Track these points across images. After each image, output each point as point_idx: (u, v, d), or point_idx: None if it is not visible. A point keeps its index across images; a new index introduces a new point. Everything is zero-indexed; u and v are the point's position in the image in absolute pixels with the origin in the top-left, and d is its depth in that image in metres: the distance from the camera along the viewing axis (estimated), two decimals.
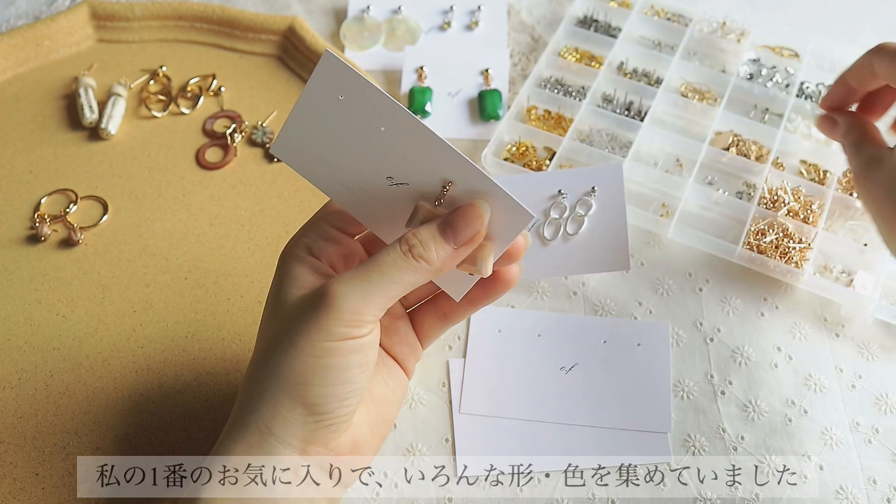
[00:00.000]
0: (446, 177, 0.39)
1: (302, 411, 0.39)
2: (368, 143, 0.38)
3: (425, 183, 0.39)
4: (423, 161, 0.38)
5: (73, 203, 0.61)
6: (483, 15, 0.74)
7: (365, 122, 0.38)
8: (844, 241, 0.59)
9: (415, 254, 0.38)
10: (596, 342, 0.54)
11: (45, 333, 0.54)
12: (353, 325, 0.38)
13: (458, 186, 0.39)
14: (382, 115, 0.38)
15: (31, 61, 0.68)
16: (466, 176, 0.38)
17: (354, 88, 0.38)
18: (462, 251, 0.39)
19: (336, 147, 0.39)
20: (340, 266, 0.43)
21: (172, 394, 0.52)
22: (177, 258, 0.58)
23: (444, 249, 0.39)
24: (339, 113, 0.38)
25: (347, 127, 0.39)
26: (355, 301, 0.38)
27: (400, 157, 0.39)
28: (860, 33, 0.75)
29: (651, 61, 0.70)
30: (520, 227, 0.39)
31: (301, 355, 0.38)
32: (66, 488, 0.48)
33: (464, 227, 0.38)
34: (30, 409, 0.51)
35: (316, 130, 0.39)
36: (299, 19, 0.69)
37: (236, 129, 0.65)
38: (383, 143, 0.38)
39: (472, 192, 0.39)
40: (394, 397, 0.46)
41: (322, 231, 0.43)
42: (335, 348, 0.38)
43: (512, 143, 0.65)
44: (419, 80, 0.69)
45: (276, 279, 0.42)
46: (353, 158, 0.39)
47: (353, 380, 0.39)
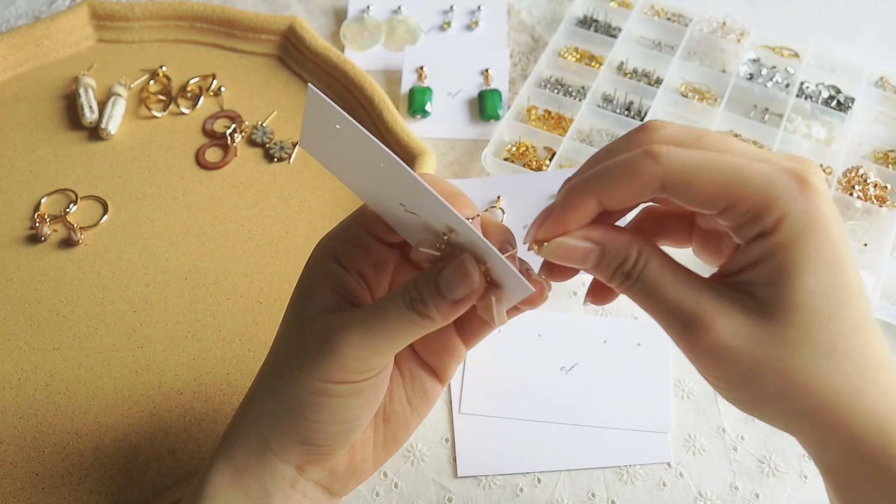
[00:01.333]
0: (448, 224, 0.36)
1: (297, 440, 0.38)
2: (375, 171, 0.36)
3: (432, 224, 0.37)
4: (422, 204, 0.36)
5: (73, 203, 0.61)
6: (483, 15, 0.74)
7: (365, 155, 0.36)
8: None
9: (417, 310, 0.36)
10: (596, 342, 0.54)
11: (45, 333, 0.54)
12: (357, 371, 0.37)
13: (460, 236, 0.36)
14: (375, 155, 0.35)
15: (31, 61, 0.68)
16: (465, 232, 0.35)
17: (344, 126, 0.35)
18: (462, 305, 0.36)
19: (351, 163, 0.38)
20: (370, 275, 0.40)
21: (172, 394, 0.52)
22: (177, 258, 0.58)
23: (443, 305, 0.36)
24: (342, 139, 0.36)
25: (352, 153, 0.37)
26: (360, 350, 0.36)
27: (405, 192, 0.36)
28: (860, 33, 0.75)
29: (651, 61, 0.70)
30: (518, 296, 0.36)
31: (300, 389, 0.37)
32: (66, 488, 0.48)
33: (456, 286, 0.36)
34: (30, 409, 0.51)
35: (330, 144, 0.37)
36: (299, 19, 0.69)
37: (236, 129, 0.65)
38: (387, 176, 0.36)
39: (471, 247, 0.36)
40: (412, 416, 0.43)
41: (354, 237, 0.40)
42: (337, 390, 0.37)
43: (512, 143, 0.65)
44: (419, 80, 0.69)
45: (298, 285, 0.40)
46: (369, 177, 0.37)
47: (353, 418, 0.38)
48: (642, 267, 0.34)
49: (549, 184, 0.54)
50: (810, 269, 0.32)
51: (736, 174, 0.32)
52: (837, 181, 0.62)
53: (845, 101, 0.67)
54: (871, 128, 0.68)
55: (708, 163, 0.33)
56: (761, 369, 0.33)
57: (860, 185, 0.62)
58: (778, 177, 0.32)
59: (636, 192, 0.34)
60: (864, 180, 0.62)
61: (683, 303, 0.34)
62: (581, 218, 0.35)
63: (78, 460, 0.49)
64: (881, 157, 0.66)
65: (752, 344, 0.33)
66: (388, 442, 0.43)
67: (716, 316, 0.33)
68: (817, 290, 0.32)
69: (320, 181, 0.62)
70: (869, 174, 0.62)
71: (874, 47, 0.73)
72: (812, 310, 0.32)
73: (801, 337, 0.32)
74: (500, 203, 0.59)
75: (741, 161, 0.33)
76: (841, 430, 0.33)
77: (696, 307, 0.33)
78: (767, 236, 0.32)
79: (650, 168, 0.33)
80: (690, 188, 0.33)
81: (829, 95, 0.68)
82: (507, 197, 0.59)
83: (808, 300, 0.32)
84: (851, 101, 0.67)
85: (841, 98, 0.68)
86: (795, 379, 0.33)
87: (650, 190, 0.33)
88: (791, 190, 0.32)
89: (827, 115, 0.67)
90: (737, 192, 0.32)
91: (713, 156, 0.33)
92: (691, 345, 0.34)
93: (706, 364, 0.34)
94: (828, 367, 0.33)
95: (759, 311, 0.33)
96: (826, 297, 0.32)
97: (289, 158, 0.63)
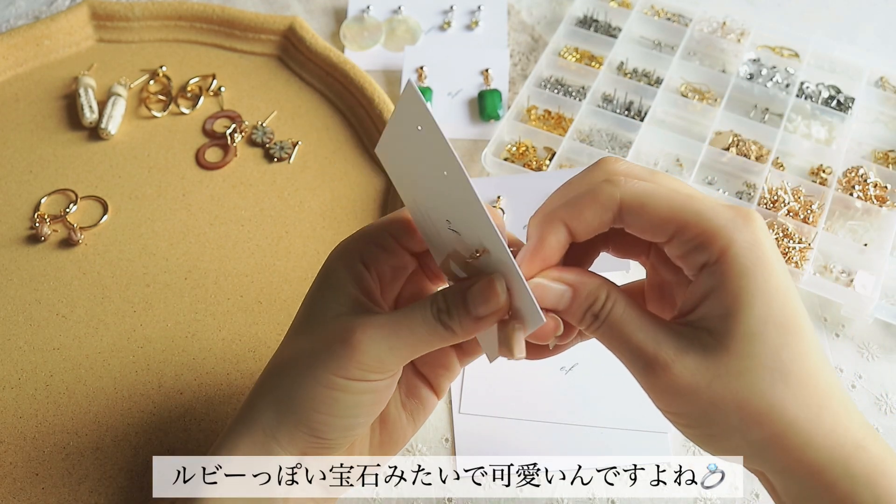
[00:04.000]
0: (483, 243, 0.37)
1: (305, 431, 0.39)
2: (436, 181, 0.38)
3: (469, 239, 0.38)
4: (468, 219, 0.37)
5: (73, 203, 0.61)
6: (483, 15, 0.74)
7: (434, 161, 0.37)
8: (844, 241, 0.59)
9: (442, 321, 0.38)
10: (596, 342, 0.54)
11: (45, 333, 0.54)
12: (373, 370, 0.38)
13: (491, 257, 0.38)
14: (443, 161, 0.37)
15: (31, 61, 0.68)
16: (498, 254, 0.37)
17: (426, 127, 0.37)
18: (484, 323, 0.38)
19: (416, 171, 0.39)
20: (388, 277, 0.42)
21: (172, 394, 0.52)
22: (177, 258, 0.58)
23: (467, 320, 0.38)
24: (419, 143, 0.38)
25: (423, 158, 0.38)
26: (381, 351, 0.37)
27: (455, 206, 0.38)
28: (860, 33, 0.75)
29: (651, 61, 0.70)
30: (532, 326, 0.37)
31: (315, 383, 0.38)
32: (66, 488, 0.48)
33: (482, 303, 0.37)
34: (30, 409, 0.51)
35: (405, 148, 0.39)
36: (299, 19, 0.69)
37: (236, 129, 0.65)
38: (445, 187, 0.37)
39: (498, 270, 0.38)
40: (409, 422, 0.45)
41: (381, 239, 0.41)
42: (350, 386, 0.38)
43: (512, 143, 0.65)
44: (419, 80, 0.69)
45: (319, 279, 0.41)
46: (427, 188, 0.39)
47: (362, 414, 0.39)
48: (610, 309, 0.36)
49: (549, 184, 0.54)
50: (759, 299, 0.34)
51: (685, 203, 0.35)
52: (837, 181, 0.62)
53: (845, 101, 0.67)
54: (871, 128, 0.68)
55: (660, 193, 0.36)
56: (720, 403, 0.34)
57: (860, 185, 0.62)
58: (722, 210, 0.35)
59: (598, 215, 0.36)
60: (864, 180, 0.62)
61: (644, 343, 0.35)
62: (555, 246, 0.37)
63: (78, 460, 0.49)
64: (881, 157, 0.66)
65: (709, 379, 0.34)
66: (385, 444, 0.44)
67: (673, 355, 0.35)
68: (769, 320, 0.34)
69: (320, 181, 0.62)
70: (869, 174, 0.62)
71: (874, 47, 0.73)
72: (764, 338, 0.34)
73: (755, 366, 0.34)
74: (500, 203, 0.59)
75: (690, 193, 0.36)
76: (801, 458, 0.34)
77: (656, 348, 0.35)
78: (714, 266, 0.34)
79: (609, 191, 0.36)
80: (643, 213, 0.35)
81: (829, 95, 0.68)
82: (507, 197, 0.59)
83: (760, 329, 0.34)
84: (851, 101, 0.67)
85: (841, 98, 0.68)
86: (754, 408, 0.34)
87: (610, 213, 0.36)
88: (735, 222, 0.34)
89: (827, 115, 0.67)
90: (685, 219, 0.35)
91: (664, 188, 0.36)
92: (652, 384, 0.36)
93: (668, 402, 0.36)
94: (784, 394, 0.33)
95: (714, 346, 0.34)
96: (777, 326, 0.34)
97: (289, 158, 0.63)
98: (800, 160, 0.65)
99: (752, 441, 0.34)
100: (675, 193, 0.35)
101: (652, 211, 0.35)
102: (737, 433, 0.34)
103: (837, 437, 0.34)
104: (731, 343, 0.34)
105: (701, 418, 0.35)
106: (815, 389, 0.34)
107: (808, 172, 0.64)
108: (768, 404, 0.33)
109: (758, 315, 0.34)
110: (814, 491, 0.34)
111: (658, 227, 0.35)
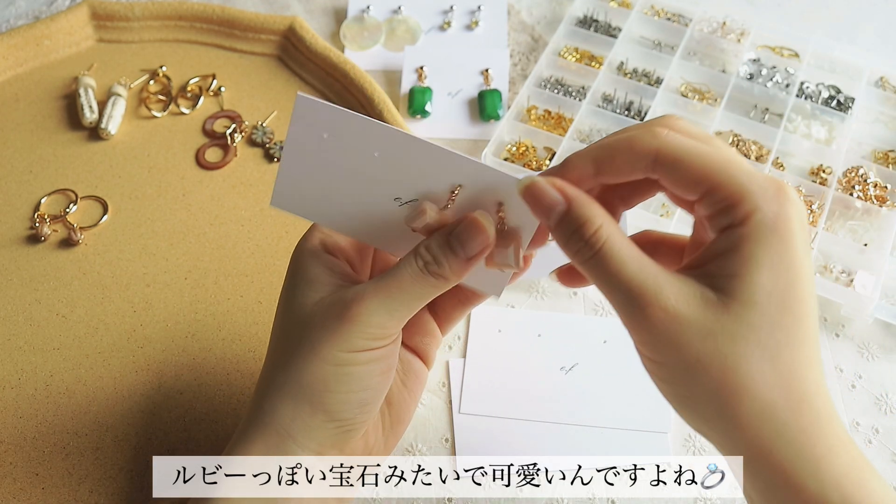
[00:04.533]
0: (454, 181, 0.38)
1: (322, 417, 0.39)
2: (367, 172, 0.38)
3: (435, 193, 0.39)
4: (427, 173, 0.38)
5: (73, 203, 0.61)
6: (483, 15, 0.74)
7: (357, 153, 0.38)
8: (844, 241, 0.59)
9: (431, 271, 0.38)
10: (596, 342, 0.54)
11: (45, 333, 0.54)
12: (377, 338, 0.39)
13: (468, 188, 0.38)
14: (372, 141, 0.37)
15: (31, 61, 0.68)
16: (474, 176, 0.38)
17: (337, 123, 0.37)
18: (473, 262, 0.39)
19: (335, 184, 0.39)
20: (355, 259, 0.43)
21: (172, 394, 0.52)
22: (177, 258, 0.58)
23: (456, 263, 0.38)
24: (329, 151, 0.38)
25: (341, 162, 0.38)
26: (380, 316, 0.38)
27: (402, 176, 0.38)
28: (860, 33, 0.75)
29: (651, 61, 0.70)
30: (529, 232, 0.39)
31: (323, 363, 0.38)
32: (66, 488, 0.48)
33: (470, 241, 0.38)
34: (30, 409, 0.51)
35: (310, 173, 0.39)
36: (299, 19, 0.69)
37: (236, 129, 0.65)
38: (381, 168, 0.38)
39: (483, 189, 0.38)
40: (410, 397, 0.46)
41: None
42: (358, 358, 0.38)
43: (512, 143, 0.65)
44: (419, 80, 0.69)
45: (291, 278, 0.41)
46: (356, 190, 0.39)
47: (375, 386, 0.40)
48: (603, 240, 0.34)
49: None
50: (769, 270, 0.33)
51: (720, 164, 0.34)
52: (837, 181, 0.62)
53: (845, 101, 0.67)
54: (871, 128, 0.68)
55: (697, 150, 0.34)
56: (705, 361, 0.33)
57: (860, 185, 0.62)
58: (757, 177, 0.34)
59: (630, 161, 0.35)
60: (864, 180, 0.62)
61: (641, 278, 0.33)
62: (575, 175, 0.36)
63: (78, 460, 0.49)
64: (881, 157, 0.66)
65: (703, 334, 0.33)
66: (395, 423, 0.45)
67: (672, 295, 0.33)
68: (773, 294, 0.33)
69: None
70: (869, 174, 0.62)
71: (874, 47, 0.73)
72: (763, 310, 0.33)
73: (748, 335, 0.33)
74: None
75: (731, 157, 0.35)
76: (769, 449, 0.32)
77: (655, 283, 0.33)
78: (735, 229, 0.33)
79: (648, 141, 0.35)
80: (678, 167, 0.34)
81: (829, 95, 0.68)
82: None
83: (762, 300, 0.33)
84: (851, 101, 0.67)
85: (841, 98, 0.68)
86: (735, 379, 0.33)
87: (643, 162, 0.35)
88: (766, 191, 0.33)
89: (827, 115, 0.67)
90: (717, 180, 0.34)
91: (707, 147, 0.35)
92: (642, 323, 0.34)
93: (653, 347, 0.34)
94: (769, 376, 0.32)
95: (715, 303, 0.33)
96: (779, 303, 0.33)
97: None
98: (800, 160, 0.65)
99: (724, 415, 0.33)
100: (714, 153, 0.34)
101: (686, 167, 0.34)
102: (710, 402, 0.33)
103: (812, 438, 0.32)
104: (731, 305, 0.33)
105: (681, 374, 0.34)
106: (800, 382, 0.33)
107: (808, 172, 0.64)
108: (751, 380, 0.32)
109: (763, 285, 0.33)
110: (779, 491, 0.33)
111: (690, 184, 0.34)
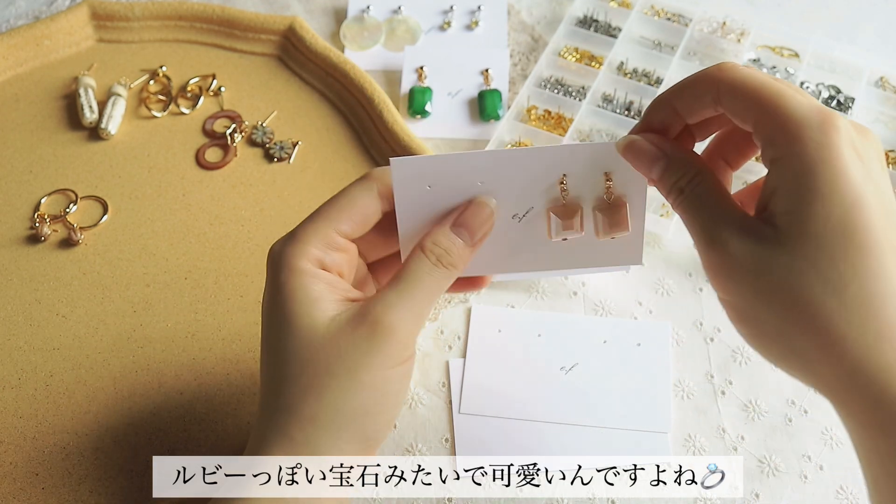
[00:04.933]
0: (557, 174, 0.40)
1: (357, 442, 0.38)
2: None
3: (545, 192, 0.40)
4: (529, 178, 0.39)
5: (73, 203, 0.61)
6: (483, 15, 0.74)
7: (463, 189, 0.39)
8: None
9: (444, 263, 0.38)
10: (596, 342, 0.54)
11: (45, 333, 0.54)
12: (409, 346, 0.38)
13: (573, 172, 0.40)
14: (471, 172, 0.39)
15: (31, 61, 0.68)
16: (572, 158, 0.39)
17: (434, 170, 0.39)
18: (477, 247, 0.40)
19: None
20: (346, 272, 0.41)
21: (172, 394, 0.52)
22: (177, 258, 0.58)
23: (464, 251, 0.39)
24: (436, 198, 0.39)
25: (450, 203, 0.40)
26: (409, 324, 0.38)
27: (509, 192, 0.40)
28: (860, 33, 0.75)
29: (651, 61, 0.70)
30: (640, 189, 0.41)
31: (364, 389, 0.37)
32: (66, 488, 0.48)
33: (479, 227, 0.39)
34: (30, 409, 0.51)
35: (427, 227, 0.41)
36: (299, 19, 0.69)
37: (236, 129, 0.65)
38: (488, 193, 0.39)
39: (587, 167, 0.40)
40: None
41: (330, 240, 0.40)
42: (395, 375, 0.38)
43: (512, 143, 0.65)
44: (419, 80, 0.69)
45: (290, 296, 0.39)
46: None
47: (405, 395, 0.40)
48: (694, 186, 0.36)
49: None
50: (819, 201, 0.32)
51: (771, 91, 0.34)
52: None
53: (845, 101, 0.67)
54: (871, 128, 0.68)
55: (757, 78, 0.35)
56: (768, 295, 0.33)
57: None
58: (805, 108, 0.33)
59: (698, 95, 0.37)
60: None
61: (710, 222, 0.35)
62: (661, 120, 0.38)
63: (78, 460, 0.49)
64: None
65: (760, 268, 0.33)
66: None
67: (729, 236, 0.34)
68: (828, 225, 0.32)
69: (320, 181, 0.62)
70: None
71: (874, 47, 0.73)
72: (821, 243, 0.32)
73: (807, 268, 0.32)
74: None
75: (784, 88, 0.34)
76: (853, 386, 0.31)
77: (718, 227, 0.35)
78: (780, 161, 0.33)
79: (713, 74, 0.36)
80: (736, 94, 0.35)
81: (829, 95, 0.68)
82: None
83: (818, 231, 0.32)
84: (851, 101, 0.67)
85: (841, 98, 0.68)
86: (799, 310, 0.32)
87: (710, 95, 0.36)
88: (810, 119, 0.33)
89: None
90: (765, 107, 0.34)
91: (765, 77, 0.35)
92: (707, 261, 0.35)
93: (721, 284, 0.35)
94: (836, 309, 0.31)
95: (772, 238, 0.33)
96: (837, 234, 0.31)
97: (289, 158, 0.63)
98: None
99: (796, 349, 0.33)
100: (770, 82, 0.34)
101: (742, 96, 0.35)
102: (782, 336, 0.33)
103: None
104: (786, 240, 0.32)
105: (749, 311, 0.34)
106: (876, 314, 0.31)
107: None
108: (815, 312, 0.31)
109: (817, 217, 0.32)
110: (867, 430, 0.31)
111: (743, 111, 0.35)
